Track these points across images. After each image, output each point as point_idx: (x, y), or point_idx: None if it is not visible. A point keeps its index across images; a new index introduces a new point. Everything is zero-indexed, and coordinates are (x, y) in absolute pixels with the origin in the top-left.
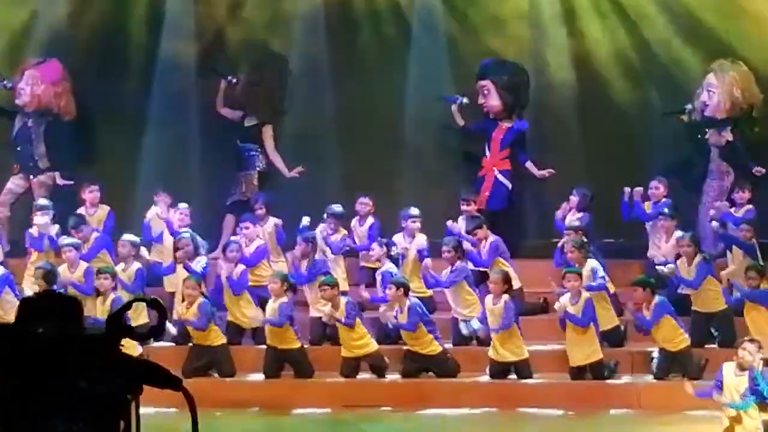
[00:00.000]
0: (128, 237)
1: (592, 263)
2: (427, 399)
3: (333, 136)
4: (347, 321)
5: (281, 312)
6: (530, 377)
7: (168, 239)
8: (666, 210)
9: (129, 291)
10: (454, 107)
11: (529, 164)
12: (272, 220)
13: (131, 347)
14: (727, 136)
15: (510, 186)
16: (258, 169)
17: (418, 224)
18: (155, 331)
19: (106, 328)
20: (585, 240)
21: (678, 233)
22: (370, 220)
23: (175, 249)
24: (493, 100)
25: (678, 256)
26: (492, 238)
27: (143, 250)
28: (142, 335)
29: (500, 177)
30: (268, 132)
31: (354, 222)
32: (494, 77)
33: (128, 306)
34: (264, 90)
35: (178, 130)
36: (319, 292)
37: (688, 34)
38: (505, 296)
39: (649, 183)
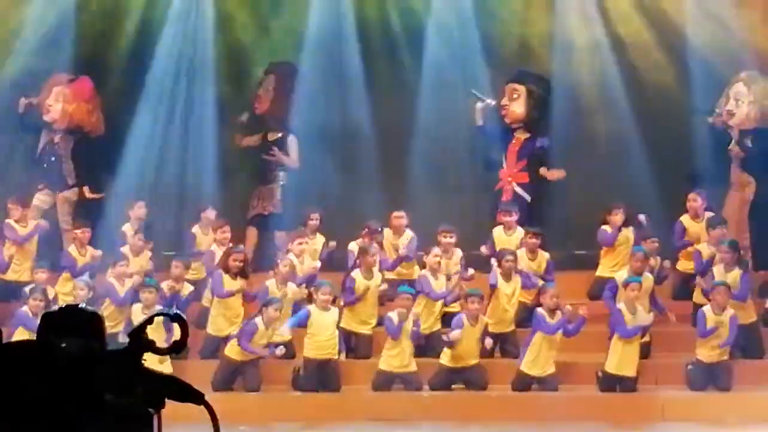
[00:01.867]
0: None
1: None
2: (457, 412)
3: (361, 149)
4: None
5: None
6: (556, 390)
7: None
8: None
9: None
10: (479, 105)
11: (542, 170)
12: (321, 238)
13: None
14: (745, 145)
15: (529, 199)
16: (281, 182)
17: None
18: (177, 346)
19: (129, 343)
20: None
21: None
22: (408, 234)
23: (225, 262)
24: (518, 107)
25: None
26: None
27: None
28: (165, 350)
29: (518, 190)
30: (293, 143)
31: (387, 235)
32: (529, 85)
33: (150, 320)
34: (286, 98)
35: (202, 143)
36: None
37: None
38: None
39: (688, 196)
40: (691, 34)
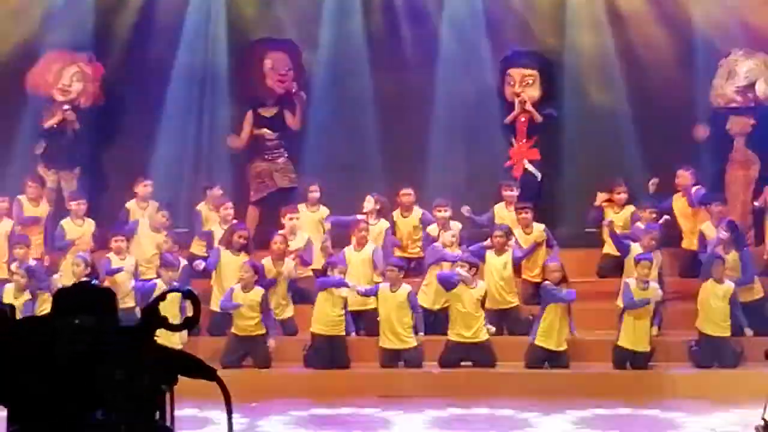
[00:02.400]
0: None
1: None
2: (466, 389)
3: (369, 125)
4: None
5: None
6: (566, 367)
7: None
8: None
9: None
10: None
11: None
12: (323, 209)
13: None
14: (751, 121)
15: (539, 177)
16: (287, 155)
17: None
18: (190, 322)
19: (141, 319)
20: None
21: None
22: (417, 211)
23: (228, 239)
24: (534, 91)
25: None
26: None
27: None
28: (177, 326)
29: (529, 167)
30: (288, 116)
31: (396, 214)
32: (540, 68)
33: (163, 297)
34: (282, 74)
35: (211, 120)
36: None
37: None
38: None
39: (676, 172)
40: (692, 10)
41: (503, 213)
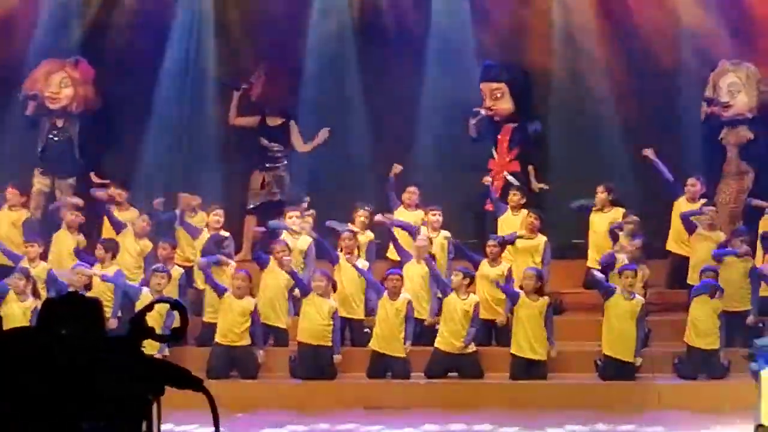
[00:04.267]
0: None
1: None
2: (453, 400)
3: (360, 132)
4: None
5: None
6: (544, 378)
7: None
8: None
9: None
10: (472, 120)
11: (530, 169)
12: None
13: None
14: (748, 134)
15: (517, 185)
16: (286, 168)
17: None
18: (177, 333)
19: (128, 330)
20: None
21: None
22: (420, 213)
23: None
24: (505, 103)
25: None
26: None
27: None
28: (164, 337)
29: (510, 179)
30: (294, 128)
31: (400, 210)
32: (509, 79)
33: (150, 307)
34: (282, 83)
35: (203, 128)
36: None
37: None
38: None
39: (687, 180)
40: (683, 16)
41: (509, 218)
